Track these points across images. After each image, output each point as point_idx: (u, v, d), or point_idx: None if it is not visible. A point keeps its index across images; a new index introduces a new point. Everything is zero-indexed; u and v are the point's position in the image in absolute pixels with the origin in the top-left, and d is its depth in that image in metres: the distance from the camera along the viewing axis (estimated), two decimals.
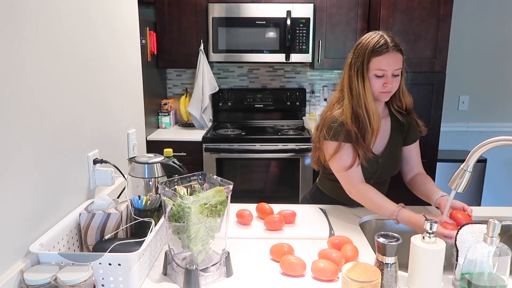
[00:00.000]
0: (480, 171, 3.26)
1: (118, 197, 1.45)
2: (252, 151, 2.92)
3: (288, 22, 2.93)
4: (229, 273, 1.10)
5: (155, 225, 1.11)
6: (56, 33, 1.12)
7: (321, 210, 1.53)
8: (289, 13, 2.94)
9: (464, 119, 3.52)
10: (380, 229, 1.48)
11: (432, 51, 2.81)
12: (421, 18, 2.77)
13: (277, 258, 1.17)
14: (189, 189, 1.12)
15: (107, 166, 1.39)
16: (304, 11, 2.96)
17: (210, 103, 3.23)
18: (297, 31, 2.98)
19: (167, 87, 3.49)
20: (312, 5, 2.96)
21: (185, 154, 2.89)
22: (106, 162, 1.37)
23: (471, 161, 1.12)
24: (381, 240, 1.00)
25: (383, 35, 1.38)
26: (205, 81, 3.09)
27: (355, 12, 3.01)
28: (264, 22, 2.97)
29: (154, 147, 2.80)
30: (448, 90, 3.04)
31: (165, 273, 1.10)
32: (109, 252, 0.98)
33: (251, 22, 2.97)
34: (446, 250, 1.01)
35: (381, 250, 1.00)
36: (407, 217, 1.30)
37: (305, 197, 1.77)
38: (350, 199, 1.47)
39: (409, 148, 1.56)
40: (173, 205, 1.02)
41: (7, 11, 0.92)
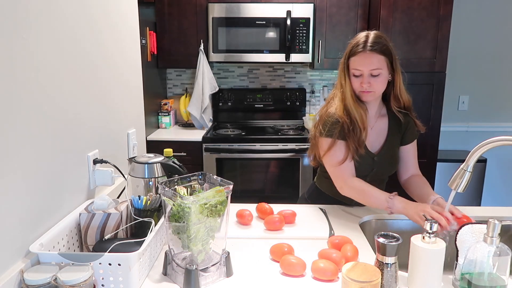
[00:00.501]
0: (480, 171, 3.26)
1: (118, 197, 1.45)
2: (252, 151, 2.92)
3: (288, 22, 2.93)
4: (229, 273, 1.10)
5: (155, 225, 1.11)
6: (58, 32, 1.12)
7: (321, 210, 1.53)
8: (289, 13, 2.94)
9: (464, 119, 3.52)
10: (380, 229, 1.48)
11: (432, 51, 2.81)
12: (421, 18, 2.77)
13: (277, 258, 1.17)
14: (189, 189, 1.12)
15: (107, 166, 1.39)
16: (304, 11, 2.96)
17: (210, 103, 3.23)
18: (297, 31, 2.98)
19: (167, 87, 3.49)
20: (312, 5, 2.96)
21: (185, 154, 2.89)
22: (106, 162, 1.37)
23: (471, 161, 1.12)
24: (381, 240, 1.00)
25: (368, 34, 1.42)
26: (205, 81, 3.09)
27: (355, 12, 3.01)
28: (264, 22, 2.97)
29: (154, 147, 2.80)
30: (448, 90, 3.04)
31: (165, 273, 1.10)
32: (109, 252, 0.98)
33: (251, 22, 2.97)
34: (446, 250, 1.01)
35: (381, 250, 1.00)
36: (402, 207, 1.31)
37: (303, 196, 1.77)
38: (348, 197, 1.47)
39: (406, 148, 1.57)
40: (173, 205, 1.02)
41: (8, 11, 0.92)
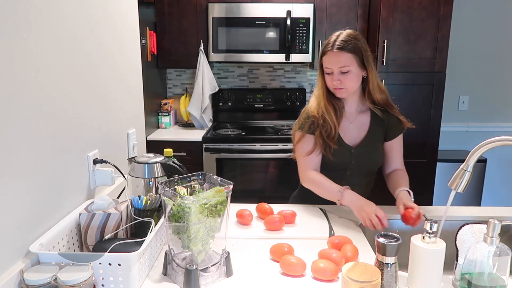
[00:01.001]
0: (480, 171, 3.26)
1: (118, 197, 1.45)
2: (252, 151, 2.92)
3: (288, 22, 2.93)
4: (229, 273, 1.10)
5: (155, 225, 1.11)
6: (58, 32, 1.12)
7: (321, 210, 1.53)
8: (289, 13, 2.94)
9: (464, 119, 3.52)
10: (380, 229, 1.48)
11: (432, 51, 2.81)
12: (421, 18, 2.77)
13: (277, 258, 1.17)
14: (189, 189, 1.12)
15: (107, 166, 1.39)
16: (304, 11, 2.96)
17: (210, 103, 3.23)
18: (297, 31, 2.98)
19: (167, 87, 3.49)
20: (312, 5, 2.96)
21: (185, 154, 2.89)
22: (106, 162, 1.37)
23: (471, 161, 1.12)
24: (381, 240, 1.00)
25: (340, 34, 1.47)
26: (205, 81, 3.09)
27: (355, 12, 3.01)
28: (264, 22, 2.97)
29: (154, 147, 2.80)
30: (448, 90, 3.04)
31: (165, 273, 1.10)
32: (109, 252, 0.98)
33: (251, 22, 2.97)
34: (446, 250, 1.01)
35: (381, 250, 1.00)
36: (350, 200, 1.39)
37: (293, 195, 1.79)
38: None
39: (389, 144, 1.60)
40: (173, 205, 1.02)
41: (8, 11, 0.92)
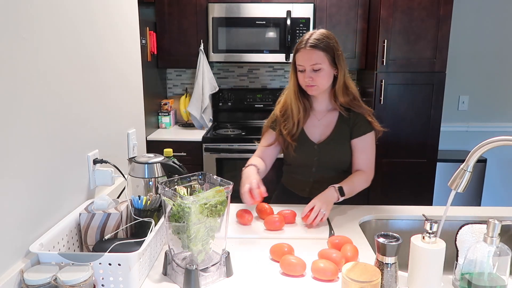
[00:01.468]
0: (480, 171, 3.26)
1: (118, 197, 1.45)
2: (252, 151, 2.86)
3: (288, 22, 2.93)
4: (229, 273, 1.10)
5: (155, 225, 1.11)
6: (58, 32, 1.12)
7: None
8: (289, 13, 2.94)
9: (464, 119, 3.52)
10: (380, 229, 1.48)
11: (432, 51, 2.81)
12: (421, 18, 2.76)
13: (277, 258, 1.17)
14: (189, 189, 1.12)
15: (107, 166, 1.39)
16: (304, 11, 2.96)
17: (210, 103, 3.23)
18: (297, 31, 2.98)
19: (167, 87, 3.49)
20: (312, 5, 2.96)
21: (185, 154, 2.89)
22: (106, 162, 1.37)
23: (471, 161, 1.12)
24: (381, 240, 1.00)
25: (313, 33, 1.52)
26: (205, 81, 3.09)
27: (355, 12, 3.01)
28: (264, 22, 2.97)
29: (154, 147, 2.80)
30: (448, 90, 3.04)
31: (165, 273, 1.10)
32: (109, 252, 0.98)
33: (251, 22, 2.97)
34: (446, 250, 1.01)
35: (381, 250, 1.00)
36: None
37: (275, 194, 1.80)
38: (300, 187, 1.64)
39: (353, 142, 1.60)
40: (173, 205, 1.02)
41: (9, 11, 0.92)
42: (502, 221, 0.99)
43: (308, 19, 2.97)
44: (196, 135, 2.98)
